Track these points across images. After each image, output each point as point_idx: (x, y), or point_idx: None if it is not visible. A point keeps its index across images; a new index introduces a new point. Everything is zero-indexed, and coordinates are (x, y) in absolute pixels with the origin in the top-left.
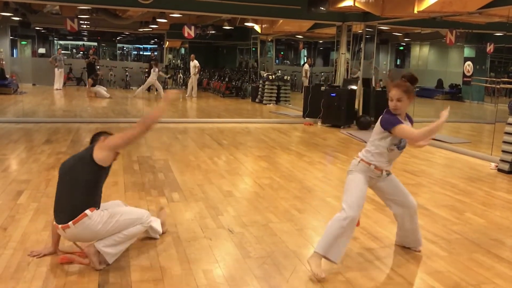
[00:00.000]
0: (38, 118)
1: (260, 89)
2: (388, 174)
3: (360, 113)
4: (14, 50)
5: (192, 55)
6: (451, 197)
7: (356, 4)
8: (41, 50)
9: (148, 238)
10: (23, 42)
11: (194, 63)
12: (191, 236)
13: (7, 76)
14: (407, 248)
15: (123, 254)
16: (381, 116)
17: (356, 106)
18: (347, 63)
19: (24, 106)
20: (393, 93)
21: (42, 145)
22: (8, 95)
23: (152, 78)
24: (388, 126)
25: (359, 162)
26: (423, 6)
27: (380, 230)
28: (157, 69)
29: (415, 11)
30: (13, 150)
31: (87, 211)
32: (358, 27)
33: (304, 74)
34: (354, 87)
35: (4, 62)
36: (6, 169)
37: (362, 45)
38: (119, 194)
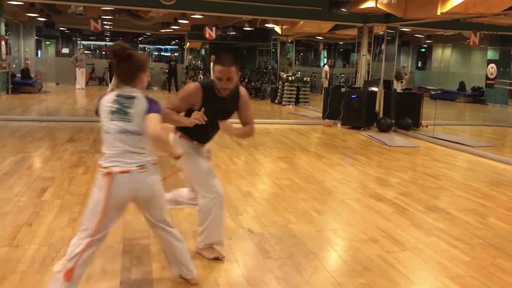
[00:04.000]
0: (61, 116)
1: (279, 90)
2: None
3: (381, 115)
4: (38, 50)
5: (213, 56)
6: (474, 201)
7: (378, 6)
8: (65, 50)
9: None
10: (47, 42)
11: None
12: None
13: (32, 75)
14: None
15: (145, 251)
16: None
17: (377, 108)
18: (368, 64)
19: (48, 105)
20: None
21: (65, 143)
22: (33, 94)
23: None
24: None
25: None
26: (447, 7)
27: (401, 233)
28: None
29: (438, 13)
30: (37, 148)
31: None
32: (380, 29)
33: (324, 76)
34: (374, 88)
35: (29, 62)
36: (30, 167)
37: (383, 47)
38: None
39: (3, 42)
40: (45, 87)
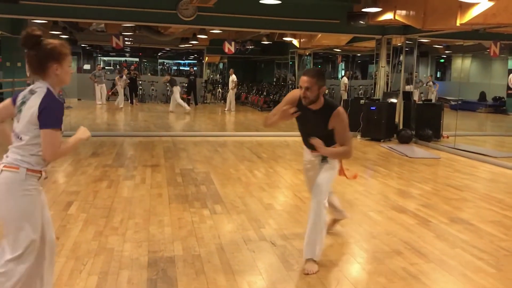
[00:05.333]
0: None
1: None
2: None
3: (401, 127)
4: None
5: (231, 70)
6: (498, 212)
7: (396, 18)
8: (86, 66)
9: (194, 247)
10: None
11: (232, 78)
12: (234, 248)
13: None
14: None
15: (170, 264)
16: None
17: (397, 120)
18: (387, 76)
19: (70, 120)
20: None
21: (89, 158)
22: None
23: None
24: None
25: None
26: (466, 18)
27: (424, 245)
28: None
29: (458, 24)
30: (61, 163)
31: None
32: (398, 40)
33: (343, 88)
34: (394, 100)
35: None
36: (56, 181)
37: (401, 58)
38: (163, 205)
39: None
40: (68, 102)
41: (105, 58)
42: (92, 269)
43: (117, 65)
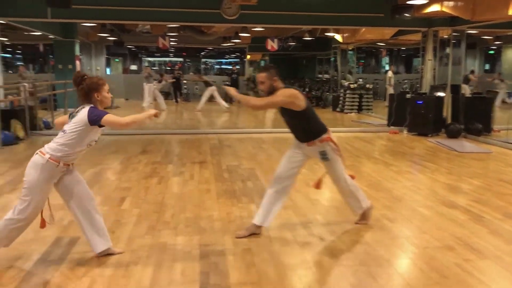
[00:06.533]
0: (131, 130)
1: (341, 98)
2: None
3: (449, 121)
4: (108, 67)
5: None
6: None
7: (443, 9)
8: (133, 67)
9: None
10: (116, 60)
11: None
12: (283, 242)
13: None
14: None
15: (221, 257)
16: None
17: (444, 114)
18: (434, 69)
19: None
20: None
21: (139, 155)
22: (105, 109)
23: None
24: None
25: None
26: None
27: (478, 241)
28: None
29: (510, 13)
30: (113, 160)
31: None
32: (445, 32)
33: (388, 82)
34: (441, 94)
35: None
36: (109, 178)
37: (449, 51)
38: (212, 201)
39: (78, 62)
40: (115, 102)
41: (150, 59)
42: (147, 261)
43: (162, 66)
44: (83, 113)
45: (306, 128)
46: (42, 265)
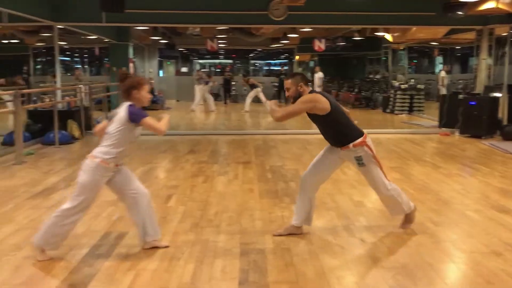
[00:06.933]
0: (181, 131)
1: (391, 99)
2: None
3: (505, 123)
4: (160, 70)
5: (317, 67)
6: None
7: (500, 6)
8: (184, 69)
9: (287, 240)
10: (168, 62)
11: (318, 75)
12: (323, 243)
13: (155, 93)
14: None
15: (260, 255)
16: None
17: (500, 115)
18: (489, 69)
19: (169, 120)
20: None
21: (186, 155)
22: (156, 111)
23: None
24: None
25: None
26: None
27: None
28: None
29: None
30: (162, 160)
31: None
32: (502, 30)
33: (440, 82)
34: (497, 94)
35: (153, 81)
36: (157, 176)
37: (506, 49)
38: (255, 200)
39: (131, 64)
40: (167, 103)
41: (201, 61)
42: (189, 257)
43: (212, 67)
44: (122, 111)
45: (336, 131)
46: (91, 258)
